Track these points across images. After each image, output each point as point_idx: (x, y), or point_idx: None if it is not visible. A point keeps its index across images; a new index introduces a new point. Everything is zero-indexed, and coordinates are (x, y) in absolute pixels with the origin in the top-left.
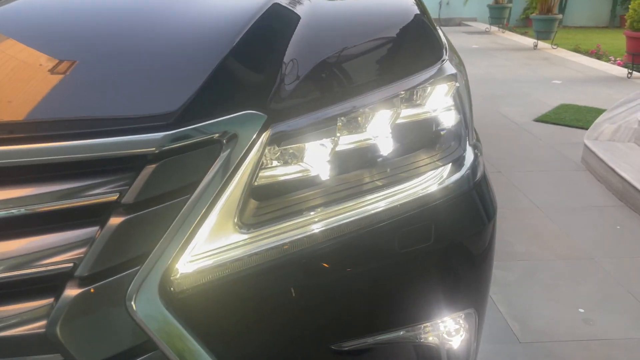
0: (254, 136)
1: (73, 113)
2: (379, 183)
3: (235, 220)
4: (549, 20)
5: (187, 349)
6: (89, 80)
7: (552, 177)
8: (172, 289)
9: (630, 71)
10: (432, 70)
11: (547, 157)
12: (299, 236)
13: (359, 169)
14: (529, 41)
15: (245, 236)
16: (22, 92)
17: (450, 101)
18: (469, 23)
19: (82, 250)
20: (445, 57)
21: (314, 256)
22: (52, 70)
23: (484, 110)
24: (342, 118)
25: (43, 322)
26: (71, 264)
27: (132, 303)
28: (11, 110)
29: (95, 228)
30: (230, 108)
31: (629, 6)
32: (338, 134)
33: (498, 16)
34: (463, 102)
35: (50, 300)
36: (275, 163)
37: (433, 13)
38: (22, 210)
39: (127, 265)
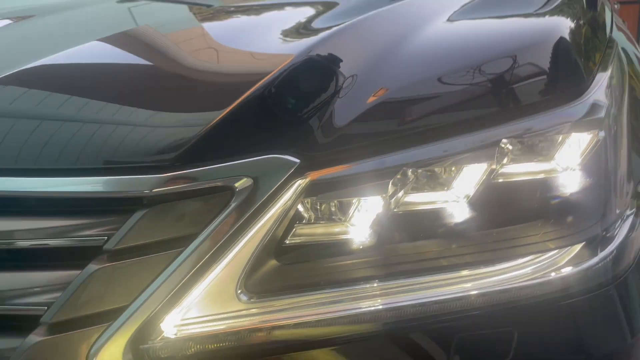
0: (277, 185)
1: (71, 148)
2: (444, 262)
3: (239, 284)
4: None
5: None
6: (95, 115)
7: None
8: (147, 354)
9: None
10: (561, 112)
11: None
12: (313, 317)
13: (421, 240)
14: None
15: (247, 306)
16: (20, 125)
17: (585, 158)
18: None
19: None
20: (592, 94)
21: (329, 347)
22: (51, 105)
23: None
24: (409, 169)
25: None
26: (45, 308)
27: None
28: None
29: (77, 272)
30: (250, 150)
31: None
32: (400, 190)
33: None
34: (611, 158)
35: (20, 342)
36: (310, 219)
37: None
38: (5, 244)
39: (97, 319)
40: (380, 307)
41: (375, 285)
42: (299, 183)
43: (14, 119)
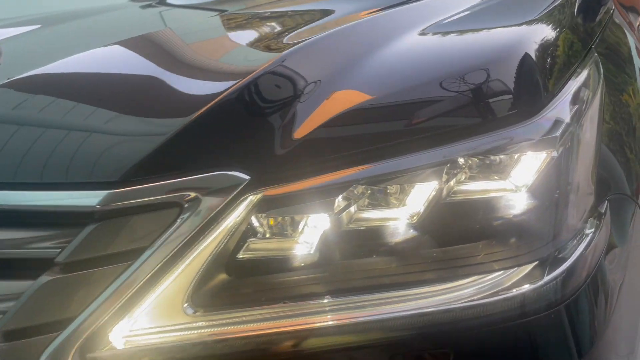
0: (226, 201)
1: (27, 163)
2: (386, 280)
3: (185, 298)
4: None
5: None
6: (50, 131)
7: None
8: None
9: None
10: (515, 131)
11: None
12: (256, 332)
13: (368, 257)
14: None
15: (193, 319)
16: None
17: (537, 177)
18: None
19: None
20: (549, 112)
21: None
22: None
23: None
24: (361, 186)
25: None
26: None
27: None
28: None
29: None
30: (201, 167)
31: None
32: (351, 207)
33: None
34: (567, 177)
35: None
36: (263, 235)
37: None
38: None
39: (48, 328)
40: (325, 323)
41: (319, 301)
42: (251, 199)
43: None
